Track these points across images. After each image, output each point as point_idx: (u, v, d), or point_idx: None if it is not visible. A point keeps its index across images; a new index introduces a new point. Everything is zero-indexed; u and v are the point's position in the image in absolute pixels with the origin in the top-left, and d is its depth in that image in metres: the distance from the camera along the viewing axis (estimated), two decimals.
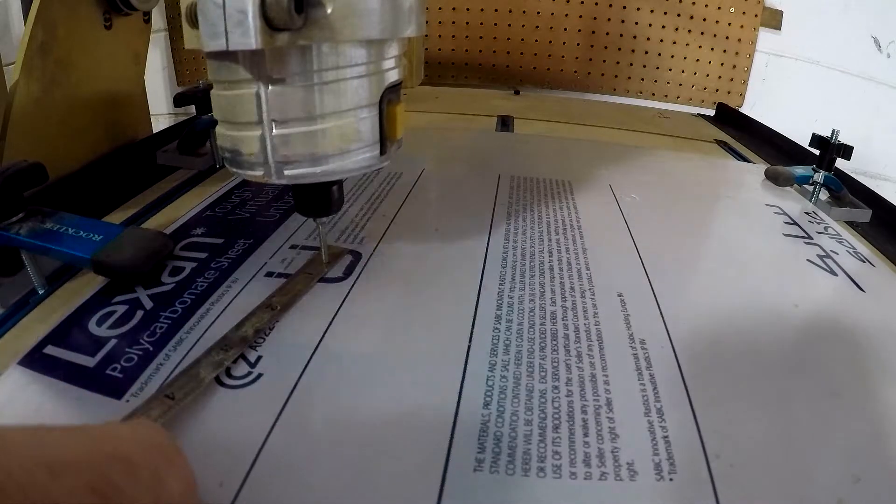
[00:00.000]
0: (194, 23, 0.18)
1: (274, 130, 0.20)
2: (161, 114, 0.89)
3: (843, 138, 0.38)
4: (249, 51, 0.18)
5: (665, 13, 0.77)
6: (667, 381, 0.20)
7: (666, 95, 0.82)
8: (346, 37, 0.19)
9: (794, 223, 0.34)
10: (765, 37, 0.77)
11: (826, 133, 0.38)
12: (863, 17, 0.71)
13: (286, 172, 0.21)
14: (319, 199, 0.23)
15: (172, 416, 0.17)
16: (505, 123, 0.57)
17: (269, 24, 0.17)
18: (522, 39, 0.82)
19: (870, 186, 0.41)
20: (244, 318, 0.22)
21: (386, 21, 0.19)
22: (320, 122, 0.20)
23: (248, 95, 0.20)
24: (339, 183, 0.23)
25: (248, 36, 0.17)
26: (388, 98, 0.22)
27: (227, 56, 0.19)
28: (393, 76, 0.22)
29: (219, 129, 0.22)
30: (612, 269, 0.27)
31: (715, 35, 0.77)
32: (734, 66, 0.79)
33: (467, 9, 0.81)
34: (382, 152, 0.22)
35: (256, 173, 0.21)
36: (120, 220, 0.33)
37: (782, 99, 0.78)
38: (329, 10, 0.18)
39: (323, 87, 0.20)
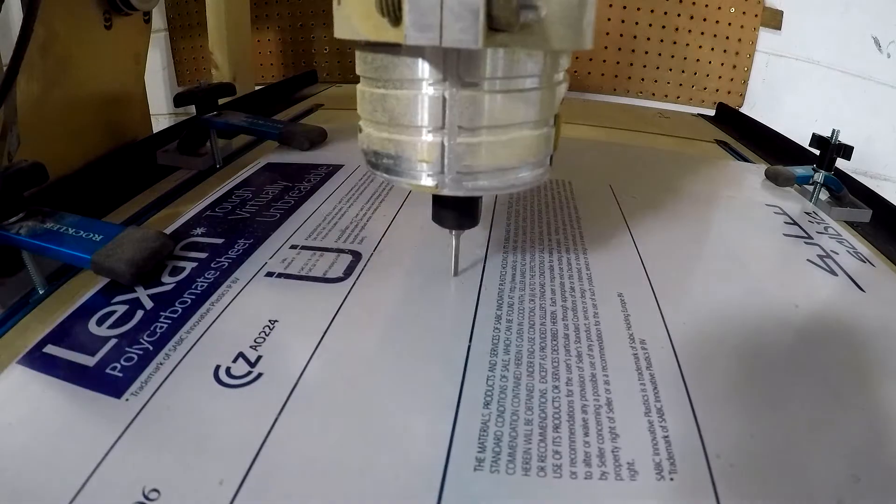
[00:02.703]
0: (391, 10, 0.16)
1: (459, 138, 0.18)
2: (161, 114, 0.89)
3: (843, 138, 0.38)
4: (442, 49, 0.16)
5: (665, 13, 0.77)
6: (667, 381, 0.20)
7: (666, 95, 0.82)
8: (554, 45, 0.17)
9: (795, 223, 0.34)
10: (765, 37, 0.77)
11: (826, 133, 0.38)
12: (863, 17, 0.71)
13: (466, 184, 0.19)
14: (469, 210, 0.22)
15: None
16: None
17: (490, 23, 0.15)
18: None
19: (870, 186, 0.41)
20: None
21: (585, 31, 0.18)
22: (510, 132, 0.19)
23: (432, 98, 0.18)
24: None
25: (470, 33, 0.15)
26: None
27: (412, 52, 0.18)
28: (565, 88, 0.21)
29: (372, 131, 0.20)
30: (612, 269, 0.27)
31: (715, 35, 0.77)
32: (734, 66, 0.78)
33: None
34: (550, 164, 0.21)
35: (424, 183, 0.19)
36: (120, 220, 0.33)
37: (782, 99, 0.78)
38: (543, 14, 0.16)
39: (517, 94, 0.18)
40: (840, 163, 0.38)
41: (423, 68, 0.18)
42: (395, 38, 0.16)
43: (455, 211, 0.22)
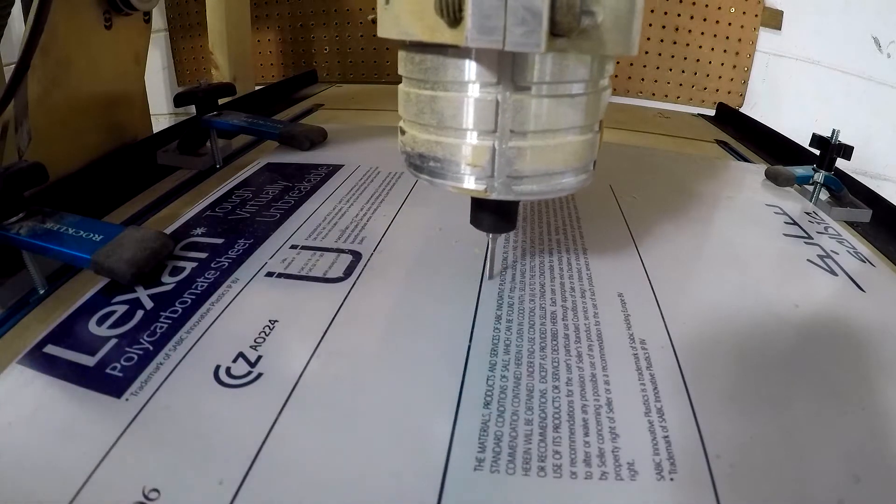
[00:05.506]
0: (451, 11, 0.15)
1: (510, 142, 0.18)
2: (161, 114, 0.89)
3: (843, 138, 0.38)
4: (497, 52, 0.16)
5: (665, 13, 0.77)
6: (667, 381, 0.20)
7: (666, 95, 0.82)
8: (608, 50, 0.17)
9: (795, 223, 0.34)
10: (765, 37, 0.77)
11: (826, 133, 0.38)
12: (863, 17, 0.71)
13: (515, 188, 0.19)
14: (509, 214, 0.22)
15: None
16: None
17: (552, 27, 0.15)
18: None
19: (870, 186, 0.41)
20: None
21: (633, 38, 0.18)
22: (559, 136, 0.19)
23: (486, 101, 0.18)
24: None
25: (534, 37, 0.15)
26: None
27: (463, 54, 0.17)
28: (610, 93, 0.21)
29: (417, 133, 0.20)
30: (612, 269, 0.27)
31: (715, 35, 0.77)
32: (734, 66, 0.78)
33: None
34: (593, 169, 0.21)
35: (472, 187, 0.19)
36: (120, 220, 0.33)
37: (782, 99, 0.78)
38: (599, 20, 0.16)
39: (567, 99, 0.18)
40: (840, 163, 0.38)
41: (477, 71, 0.18)
42: (452, 40, 0.16)
43: (496, 214, 0.22)
